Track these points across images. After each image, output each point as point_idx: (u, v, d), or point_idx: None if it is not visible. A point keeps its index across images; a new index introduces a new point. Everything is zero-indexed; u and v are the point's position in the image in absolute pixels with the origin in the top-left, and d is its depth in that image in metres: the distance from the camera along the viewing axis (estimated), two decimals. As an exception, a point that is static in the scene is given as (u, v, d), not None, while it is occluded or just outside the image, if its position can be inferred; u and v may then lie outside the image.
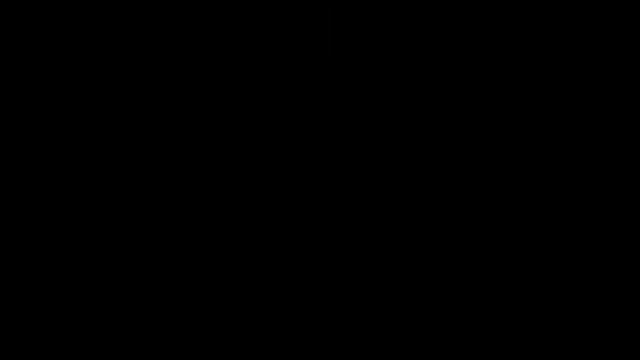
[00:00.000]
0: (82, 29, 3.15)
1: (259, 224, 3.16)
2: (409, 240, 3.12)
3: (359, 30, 3.15)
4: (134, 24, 3.15)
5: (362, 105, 3.15)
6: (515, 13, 3.11)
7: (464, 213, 3.11)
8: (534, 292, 3.10)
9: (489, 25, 3.11)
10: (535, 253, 3.10)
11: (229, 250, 3.15)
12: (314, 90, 3.16)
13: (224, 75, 3.15)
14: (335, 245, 3.15)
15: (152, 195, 3.15)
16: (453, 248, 3.11)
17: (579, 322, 3.09)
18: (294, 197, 3.16)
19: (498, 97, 3.11)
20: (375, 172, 3.14)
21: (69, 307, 3.14)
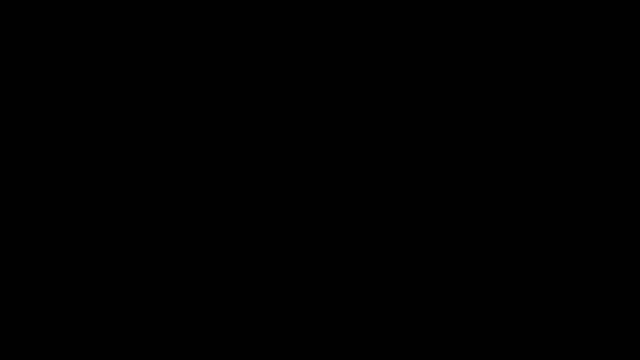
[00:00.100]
0: (82, 29, 3.15)
1: (259, 224, 3.16)
2: (409, 241, 3.12)
3: (359, 30, 3.15)
4: (134, 24, 3.15)
5: (362, 105, 3.15)
6: (515, 13, 3.11)
7: (464, 213, 3.11)
8: (534, 292, 3.10)
9: (489, 25, 3.11)
10: (535, 253, 3.10)
11: (229, 250, 3.15)
12: (314, 90, 3.16)
13: (224, 76, 3.15)
14: (335, 245, 3.15)
15: (152, 195, 3.15)
16: (453, 248, 3.11)
17: (579, 322, 3.09)
18: (294, 197, 3.16)
19: (498, 97, 3.11)
20: (375, 172, 3.14)
21: (69, 307, 3.14)
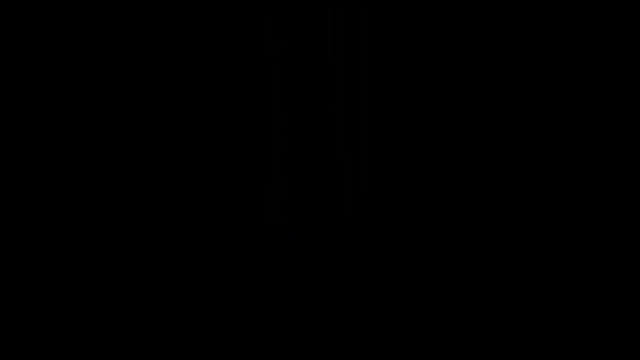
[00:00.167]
0: (82, 29, 3.15)
1: (259, 224, 3.16)
2: (409, 241, 3.12)
3: (359, 30, 3.15)
4: (134, 24, 3.15)
5: (362, 105, 3.15)
6: (515, 13, 3.11)
7: (464, 213, 3.11)
8: (534, 292, 3.10)
9: (489, 25, 3.11)
10: (535, 253, 3.10)
11: (229, 250, 3.15)
12: (314, 90, 3.16)
13: (224, 76, 3.15)
14: (335, 246, 3.15)
15: (152, 196, 3.15)
16: (453, 248, 3.11)
17: (579, 322, 3.09)
18: (294, 197, 3.16)
19: (498, 97, 3.11)
20: (375, 172, 3.14)
21: (69, 307, 3.14)
